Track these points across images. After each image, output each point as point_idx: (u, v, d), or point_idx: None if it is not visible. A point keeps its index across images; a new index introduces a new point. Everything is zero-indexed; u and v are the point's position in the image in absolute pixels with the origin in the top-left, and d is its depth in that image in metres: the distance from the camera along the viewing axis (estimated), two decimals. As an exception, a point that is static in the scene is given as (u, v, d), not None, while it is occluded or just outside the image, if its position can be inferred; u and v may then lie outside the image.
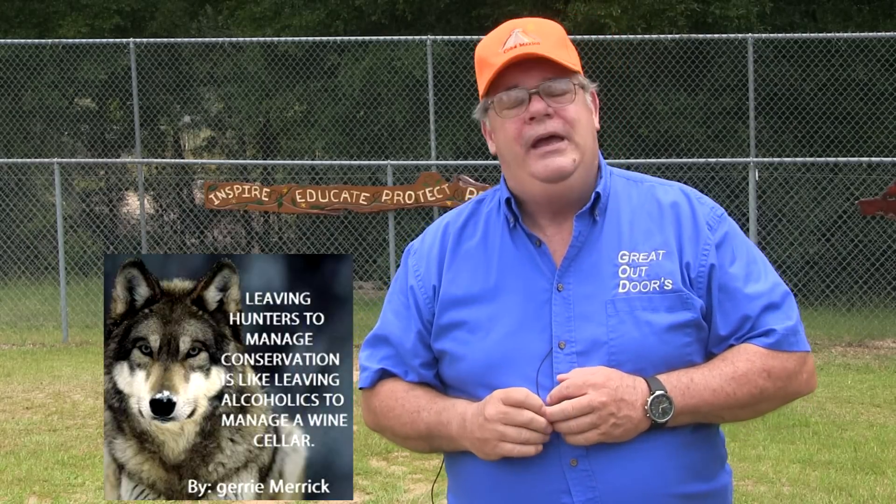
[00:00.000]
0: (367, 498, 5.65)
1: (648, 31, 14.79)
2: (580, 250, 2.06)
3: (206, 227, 16.41)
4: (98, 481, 5.88)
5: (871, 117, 14.43)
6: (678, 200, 2.10)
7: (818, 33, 14.12)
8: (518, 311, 2.04)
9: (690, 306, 2.01)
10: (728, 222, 2.10)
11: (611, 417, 1.93)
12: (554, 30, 2.08)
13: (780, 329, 2.02)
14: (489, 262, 2.09)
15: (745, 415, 2.07)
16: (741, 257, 2.06)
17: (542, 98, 2.02)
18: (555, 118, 2.02)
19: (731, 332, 2.03)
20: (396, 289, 2.18)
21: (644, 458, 1.97)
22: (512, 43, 2.03)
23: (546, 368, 1.99)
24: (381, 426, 2.16)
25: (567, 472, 1.97)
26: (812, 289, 13.11)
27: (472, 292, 2.08)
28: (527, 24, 2.06)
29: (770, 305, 2.03)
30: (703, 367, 2.01)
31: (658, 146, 14.70)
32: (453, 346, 2.07)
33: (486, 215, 2.15)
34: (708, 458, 2.07)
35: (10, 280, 14.20)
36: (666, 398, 1.95)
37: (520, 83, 2.03)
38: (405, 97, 15.30)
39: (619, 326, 1.99)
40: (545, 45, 2.03)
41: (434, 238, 2.17)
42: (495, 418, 1.94)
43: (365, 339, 2.20)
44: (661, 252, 2.04)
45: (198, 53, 16.68)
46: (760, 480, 5.99)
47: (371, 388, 2.16)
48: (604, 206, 2.08)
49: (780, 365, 2.02)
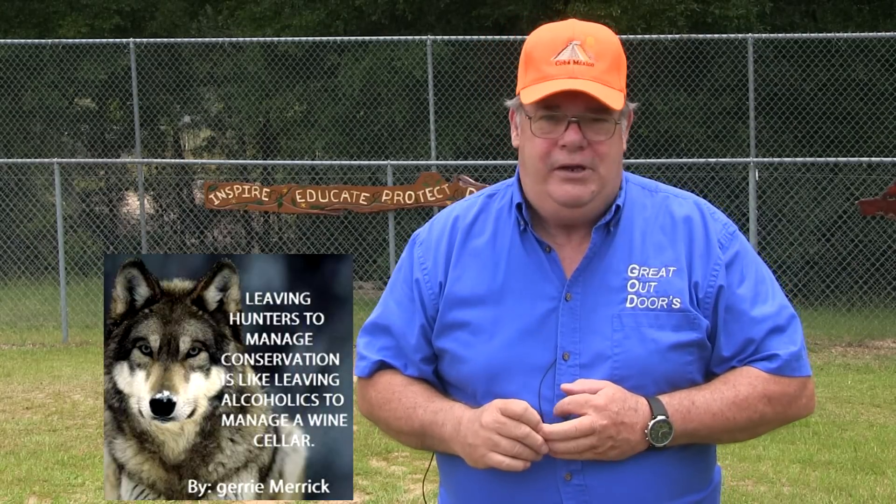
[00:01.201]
0: (367, 498, 5.65)
1: (648, 31, 14.78)
2: (591, 261, 2.03)
3: (206, 227, 16.40)
4: (98, 481, 5.88)
5: (871, 117, 14.42)
6: (692, 215, 2.07)
7: (818, 33, 14.11)
8: (523, 318, 2.02)
9: (697, 327, 2.00)
10: (739, 240, 2.08)
11: (609, 440, 1.92)
12: (611, 48, 2.01)
13: (784, 354, 2.01)
14: (497, 264, 2.06)
15: (742, 437, 2.07)
16: (750, 277, 2.05)
17: (580, 129, 1.97)
18: (587, 150, 1.98)
19: (735, 354, 2.02)
20: (400, 278, 2.14)
21: (638, 474, 1.96)
22: (567, 57, 1.97)
23: (549, 380, 1.98)
24: (376, 417, 2.15)
25: (561, 486, 1.97)
26: (812, 289, 13.11)
27: (478, 293, 2.05)
28: (586, 37, 1.99)
29: (775, 329, 2.02)
30: (705, 390, 2.00)
31: (658, 146, 14.69)
32: (455, 347, 2.05)
33: (496, 213, 2.12)
34: (701, 470, 2.07)
35: (10, 280, 14.20)
36: (667, 423, 1.94)
37: (562, 106, 1.97)
38: (405, 97, 15.30)
39: (623, 342, 1.98)
40: (598, 67, 1.96)
41: (442, 231, 2.14)
42: (491, 427, 1.92)
43: (364, 324, 2.18)
44: (671, 269, 2.02)
45: (198, 53, 16.67)
46: (760, 480, 5.99)
47: (368, 378, 2.14)
48: (618, 217, 2.06)
49: (782, 390, 2.01)
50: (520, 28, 15.56)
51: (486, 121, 15.26)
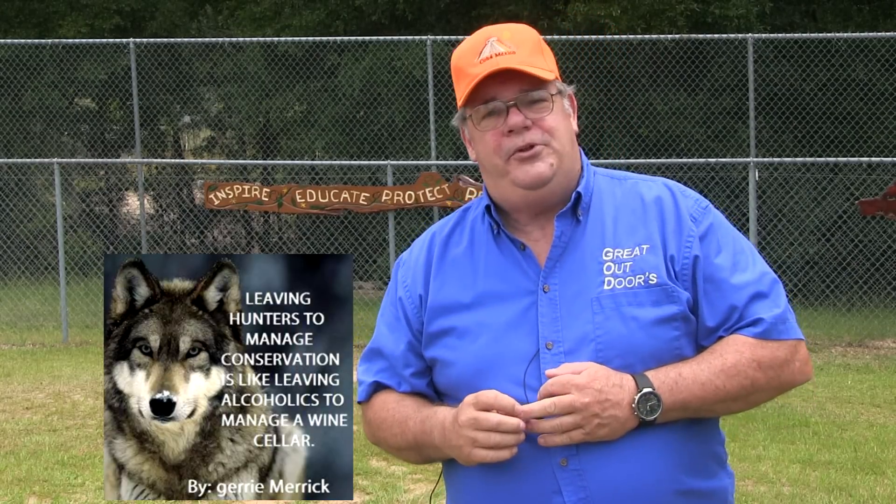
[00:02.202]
0: (367, 498, 5.65)
1: (648, 32, 14.78)
2: (564, 250, 2.05)
3: (206, 227, 16.40)
4: (98, 481, 5.88)
5: (871, 117, 14.42)
6: (661, 195, 2.09)
7: (818, 33, 14.12)
8: (505, 315, 2.03)
9: (676, 299, 2.00)
10: (713, 213, 2.09)
11: (594, 418, 1.92)
12: (529, 36, 2.07)
13: (769, 318, 2.00)
14: (476, 269, 2.09)
15: (738, 407, 2.05)
16: (727, 248, 2.05)
17: (520, 110, 2.02)
18: (533, 129, 2.02)
19: (720, 324, 2.02)
20: (388, 301, 2.20)
21: (635, 455, 1.96)
22: (488, 53, 2.02)
23: (534, 370, 1.98)
24: (377, 438, 2.17)
25: (557, 472, 1.97)
26: (812, 289, 13.11)
27: (460, 299, 2.08)
28: (501, 32, 2.05)
29: (757, 294, 2.02)
30: (692, 361, 2.00)
31: (658, 146, 14.70)
32: (443, 353, 2.07)
33: (471, 223, 2.16)
34: (703, 455, 2.04)
35: (10, 280, 14.20)
36: (654, 395, 1.94)
37: (497, 95, 2.02)
38: (405, 97, 15.30)
39: (605, 323, 1.98)
40: (521, 54, 2.02)
41: (421, 249, 2.19)
42: (466, 423, 1.94)
43: (362, 353, 2.21)
44: (644, 247, 2.03)
45: (198, 53, 16.67)
46: (760, 480, 5.99)
47: (367, 402, 2.18)
48: (587, 205, 2.08)
49: (771, 354, 2.00)
50: (520, 28, 15.56)
51: (486, 121, 15.25)
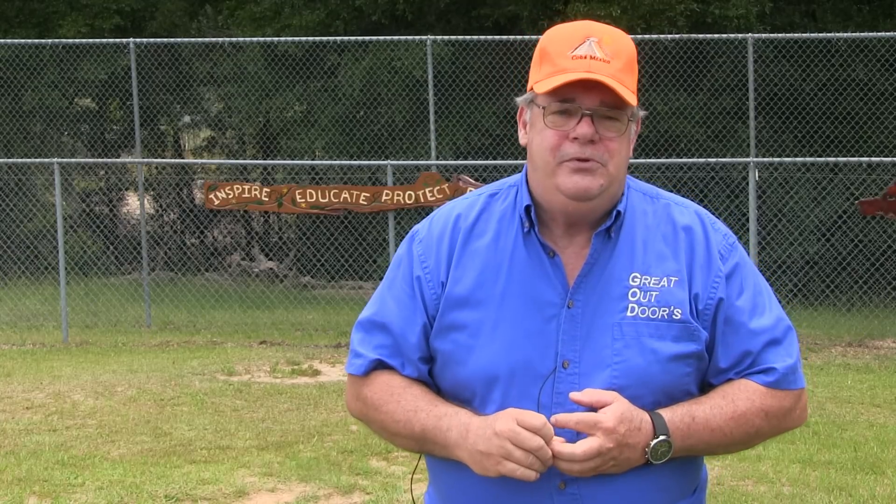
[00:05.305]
0: (367, 498, 5.64)
1: (648, 31, 14.78)
2: (592, 267, 2.01)
3: (206, 227, 16.41)
4: (98, 481, 5.88)
5: (871, 117, 14.43)
6: (693, 225, 2.06)
7: (818, 33, 14.11)
8: (524, 323, 1.99)
9: (696, 338, 1.99)
10: (739, 251, 2.07)
11: (612, 460, 1.92)
12: (626, 49, 2.00)
13: (781, 368, 2.01)
14: (499, 266, 2.03)
15: (735, 449, 2.08)
16: (748, 289, 2.04)
17: (593, 122, 1.96)
18: (598, 145, 1.96)
19: (731, 366, 2.02)
20: (400, 275, 2.09)
21: (632, 484, 1.97)
22: (583, 52, 1.96)
23: (548, 387, 1.97)
24: (370, 418, 2.10)
25: (555, 495, 1.96)
26: (812, 289, 13.11)
27: (479, 295, 2.02)
28: (603, 35, 1.98)
29: (772, 341, 2.02)
30: (704, 404, 1.99)
31: (658, 146, 14.69)
32: (453, 349, 2.02)
33: (499, 214, 2.08)
34: (692, 476, 2.08)
35: (10, 280, 14.20)
36: (667, 443, 1.94)
37: (577, 98, 1.95)
38: (405, 97, 15.30)
39: (623, 350, 1.97)
40: (614, 65, 1.95)
41: (444, 230, 2.08)
42: (505, 435, 1.89)
43: (358, 320, 2.12)
44: (673, 279, 2.01)
45: (198, 53, 16.67)
46: (760, 480, 5.98)
47: (364, 377, 2.09)
48: (620, 224, 2.04)
49: (778, 404, 2.02)
50: (520, 28, 15.58)
51: (486, 121, 15.27)
